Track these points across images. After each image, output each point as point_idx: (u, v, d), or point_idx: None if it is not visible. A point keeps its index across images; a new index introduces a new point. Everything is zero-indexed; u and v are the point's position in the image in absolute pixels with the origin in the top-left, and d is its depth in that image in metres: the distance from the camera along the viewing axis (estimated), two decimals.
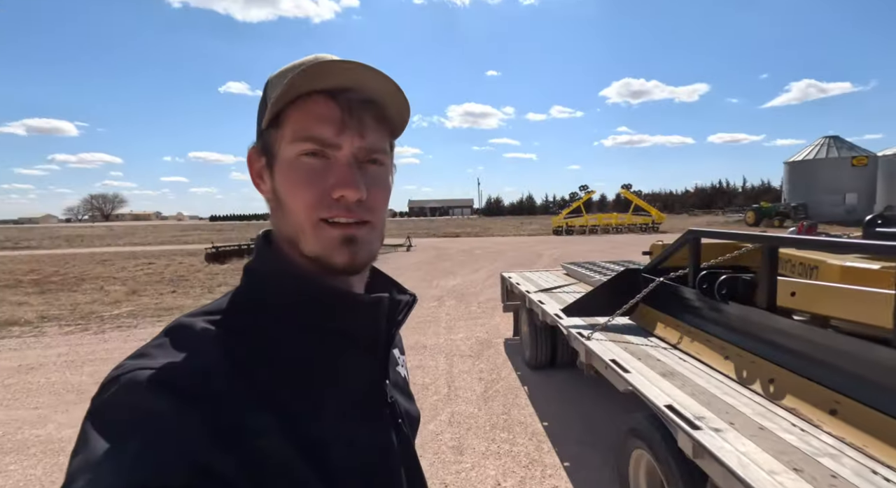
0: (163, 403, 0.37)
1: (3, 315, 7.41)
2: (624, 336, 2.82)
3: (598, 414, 3.58)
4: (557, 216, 28.69)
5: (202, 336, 0.44)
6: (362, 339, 0.51)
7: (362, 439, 0.48)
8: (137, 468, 0.33)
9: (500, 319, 6.60)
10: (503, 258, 14.75)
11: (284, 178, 0.48)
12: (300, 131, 0.47)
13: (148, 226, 68.30)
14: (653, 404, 1.85)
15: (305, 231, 0.48)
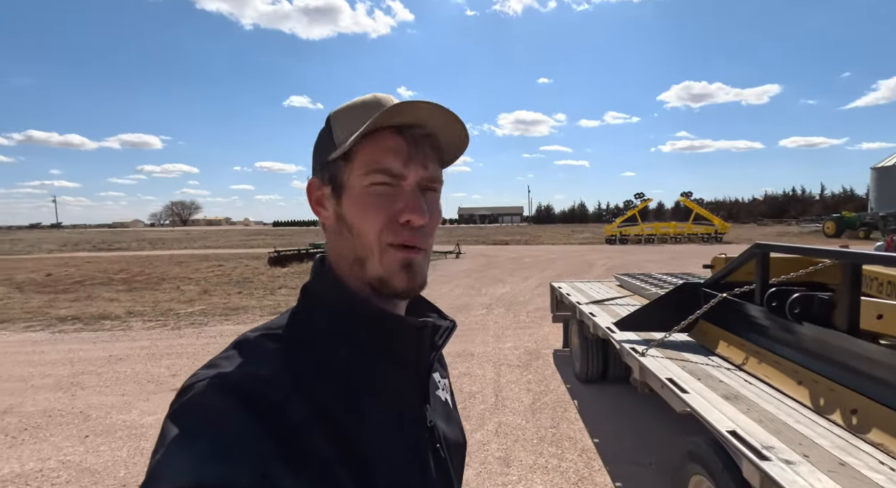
0: (231, 409, 0.41)
1: (98, 310, 8.27)
2: (682, 353, 2.68)
3: (653, 433, 3.41)
4: (611, 224, 27.66)
5: (265, 350, 0.48)
6: (405, 362, 0.54)
7: (401, 459, 0.50)
8: (208, 465, 0.37)
9: (549, 329, 6.47)
10: (553, 267, 14.44)
11: (355, 205, 0.53)
12: (371, 163, 0.52)
13: (219, 230, 73.59)
14: (714, 429, 1.74)
15: (374, 253, 0.52)
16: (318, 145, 0.58)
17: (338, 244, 0.55)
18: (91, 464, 3.07)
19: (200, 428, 0.40)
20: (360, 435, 0.47)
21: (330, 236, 0.57)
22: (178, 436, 0.39)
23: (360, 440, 0.47)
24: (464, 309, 8.05)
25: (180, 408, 0.42)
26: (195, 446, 0.38)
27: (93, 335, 6.56)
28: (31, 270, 14.84)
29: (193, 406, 0.42)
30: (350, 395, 0.48)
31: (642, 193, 28.07)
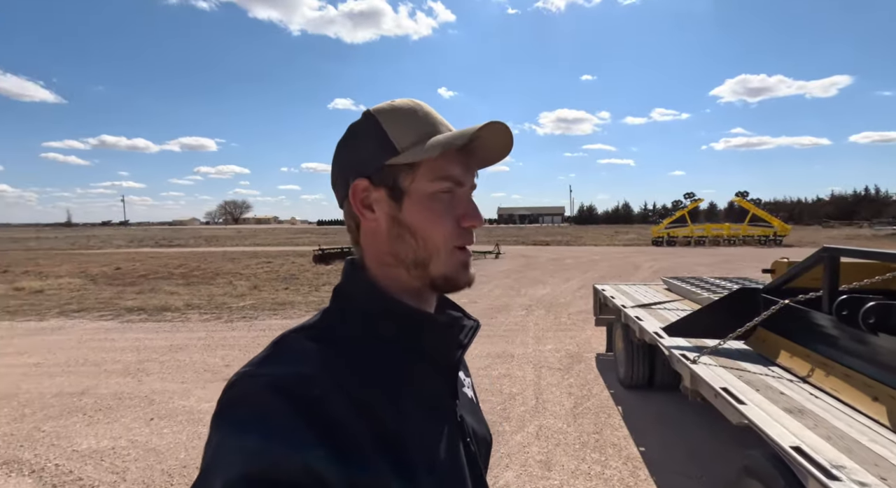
0: (277, 404, 0.42)
1: (160, 302, 8.88)
2: (738, 362, 2.54)
3: (705, 444, 3.25)
4: (658, 225, 26.55)
5: (305, 349, 0.50)
6: (435, 358, 0.57)
7: (437, 452, 0.52)
8: (257, 458, 0.39)
9: (591, 333, 6.30)
10: (596, 268, 14.05)
11: (422, 211, 0.54)
12: (439, 171, 0.54)
13: (267, 229, 77.13)
14: (775, 444, 1.64)
15: (441, 255, 0.55)
16: (361, 144, 0.57)
17: (391, 247, 0.55)
18: (155, 445, 3.31)
19: (249, 423, 0.42)
20: (397, 429, 0.48)
21: (375, 240, 0.56)
22: (228, 431, 0.42)
23: (397, 434, 0.48)
24: (503, 309, 7.99)
25: (229, 404, 0.44)
26: (245, 440, 0.40)
27: (156, 325, 7.06)
28: (103, 264, 16.15)
29: (241, 402, 0.44)
30: (386, 391, 0.50)
31: (692, 193, 27.01)
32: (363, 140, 0.57)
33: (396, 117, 0.56)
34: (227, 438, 0.41)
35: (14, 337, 6.39)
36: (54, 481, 2.86)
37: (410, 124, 0.55)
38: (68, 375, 4.79)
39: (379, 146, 0.55)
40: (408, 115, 0.56)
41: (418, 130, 0.55)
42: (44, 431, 3.53)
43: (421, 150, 0.53)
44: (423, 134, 0.55)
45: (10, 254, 21.71)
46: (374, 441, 0.46)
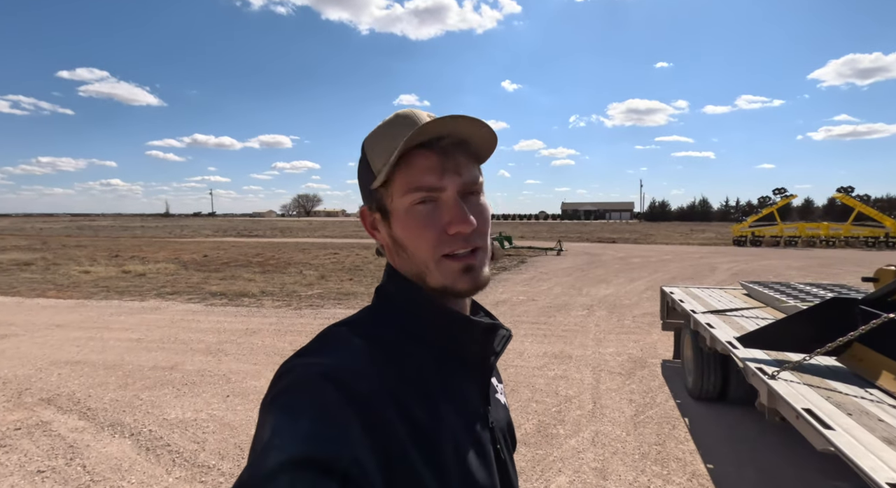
0: (327, 392, 0.44)
1: (239, 288, 9.69)
2: (827, 381, 2.27)
3: (782, 468, 2.95)
4: (740, 223, 24.28)
5: (352, 345, 0.52)
6: (470, 361, 0.57)
7: (470, 456, 0.52)
8: (305, 442, 0.40)
9: (657, 337, 5.94)
10: (666, 269, 13.19)
11: (403, 227, 0.56)
12: (408, 184, 0.54)
13: (336, 221, 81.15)
14: (869, 478, 1.45)
15: (430, 268, 0.55)
16: (360, 174, 0.61)
17: (398, 263, 0.59)
18: (230, 420, 3.63)
19: (303, 409, 0.43)
20: (432, 430, 0.49)
21: (389, 256, 0.61)
22: (283, 415, 0.43)
23: (432, 435, 0.48)
24: (563, 308, 7.77)
25: (279, 392, 0.46)
26: (299, 424, 0.42)
27: (234, 309, 7.70)
28: (193, 252, 17.91)
29: (296, 388, 0.45)
30: (423, 392, 0.51)
31: (783, 188, 24.03)
32: (361, 171, 0.61)
33: (374, 140, 0.59)
34: (282, 422, 0.42)
35: (122, 314, 7.29)
36: (148, 445, 3.23)
37: (383, 144, 0.57)
38: (162, 351, 5.39)
39: (367, 174, 0.59)
40: (382, 135, 0.58)
41: (388, 149, 0.55)
42: (141, 399, 4.00)
43: (382, 172, 0.55)
44: (392, 150, 0.54)
45: (121, 241, 24.75)
46: (411, 439, 0.47)
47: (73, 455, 3.09)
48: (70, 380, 4.43)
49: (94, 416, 3.66)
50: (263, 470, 0.39)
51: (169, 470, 2.93)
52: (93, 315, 7.22)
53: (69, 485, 2.75)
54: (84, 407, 3.83)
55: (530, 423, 3.57)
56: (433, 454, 0.48)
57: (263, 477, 0.39)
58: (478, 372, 0.58)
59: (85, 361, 4.99)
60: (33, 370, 4.70)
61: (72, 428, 3.47)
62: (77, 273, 11.74)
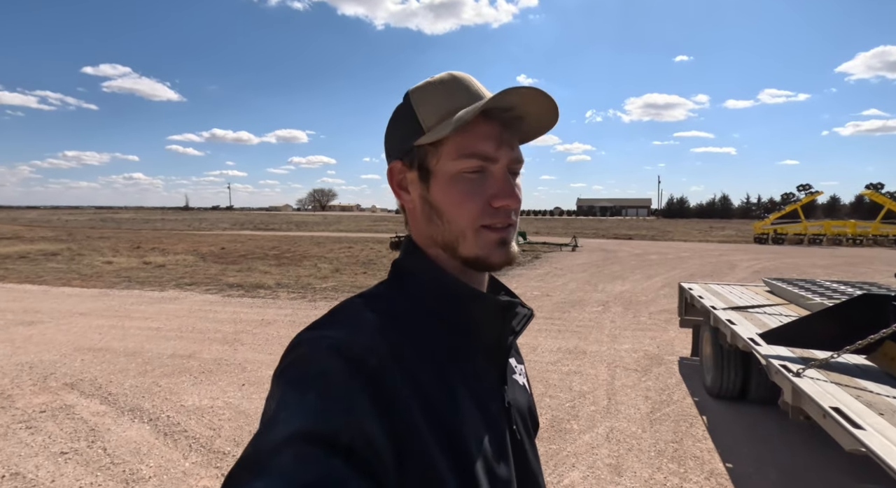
0: (337, 368, 0.43)
1: (255, 280, 9.83)
2: (856, 380, 2.18)
3: (809, 471, 2.86)
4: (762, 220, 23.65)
5: (364, 318, 0.50)
6: (488, 339, 0.55)
7: (483, 434, 0.50)
8: (310, 416, 0.40)
9: (675, 334, 5.83)
10: (684, 266, 12.94)
11: (446, 191, 0.53)
12: (464, 148, 0.52)
13: (350, 216, 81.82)
14: None
15: (466, 236, 0.53)
16: (398, 125, 0.57)
17: (424, 229, 0.56)
18: (245, 408, 3.68)
19: (310, 383, 0.42)
20: (444, 407, 0.47)
21: (415, 221, 0.57)
22: (291, 388, 0.43)
23: (444, 412, 0.47)
24: (577, 304, 7.68)
25: (289, 365, 0.45)
26: (306, 398, 0.41)
27: (251, 301, 7.82)
28: (211, 244, 18.23)
29: (304, 362, 0.45)
30: (436, 368, 0.49)
31: (808, 185, 23.28)
32: (400, 121, 0.57)
33: (426, 95, 0.55)
34: (290, 395, 0.42)
35: (142, 304, 7.46)
36: (165, 430, 3.30)
37: (438, 101, 0.54)
38: (180, 340, 5.49)
39: (410, 127, 0.55)
40: (437, 91, 0.54)
41: (445, 106, 0.53)
42: (160, 386, 4.09)
43: (438, 129, 0.52)
44: (450, 110, 0.53)
45: (142, 233, 25.35)
46: (423, 415, 0.45)
47: (94, 438, 3.16)
48: (92, 366, 4.54)
49: (115, 401, 3.75)
50: (267, 443, 0.39)
51: (186, 455, 2.98)
52: (115, 304, 7.41)
53: (90, 467, 2.82)
54: (105, 393, 3.92)
55: (544, 418, 3.53)
56: (444, 430, 0.46)
57: (267, 451, 0.38)
58: (495, 350, 0.56)
59: (107, 348, 5.12)
60: (58, 355, 4.84)
61: (93, 412, 3.56)
62: (100, 263, 12.06)
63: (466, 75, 0.56)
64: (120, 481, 2.69)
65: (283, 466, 0.37)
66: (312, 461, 0.37)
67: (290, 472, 0.36)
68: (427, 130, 0.53)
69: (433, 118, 0.53)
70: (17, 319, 6.32)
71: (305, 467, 0.37)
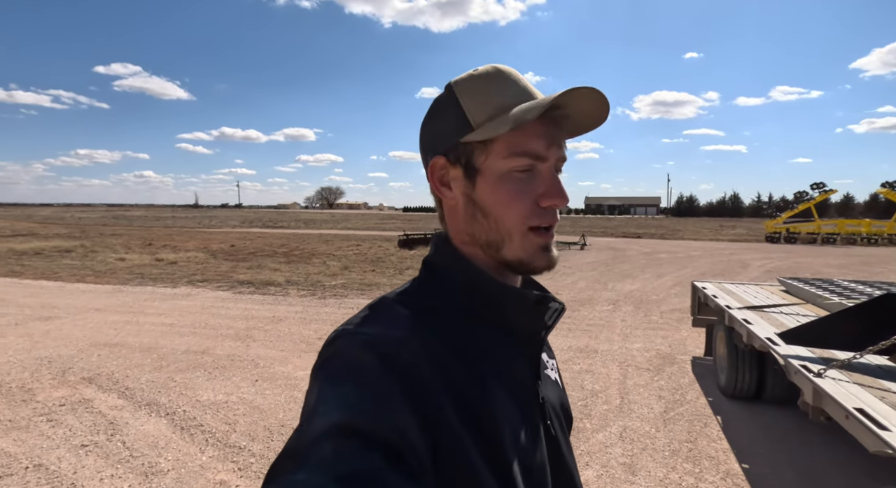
0: (372, 363, 0.44)
1: (265, 277, 9.91)
2: (880, 381, 2.15)
3: (825, 471, 2.83)
4: (774, 219, 23.36)
5: (398, 315, 0.51)
6: (521, 334, 0.55)
7: (518, 429, 0.50)
8: (347, 410, 0.41)
9: (687, 334, 5.78)
10: (694, 264, 12.82)
11: (494, 190, 0.52)
12: (516, 147, 0.51)
13: (358, 214, 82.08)
14: None
15: (513, 238, 0.52)
16: (440, 118, 0.55)
17: (467, 227, 0.55)
18: (259, 404, 3.71)
19: (345, 378, 0.43)
20: (478, 402, 0.48)
21: (454, 218, 0.56)
22: (327, 382, 0.44)
23: (478, 406, 0.47)
24: (587, 303, 7.64)
25: (327, 359, 0.47)
26: (342, 392, 0.42)
27: (261, 298, 7.88)
28: (221, 242, 18.39)
29: (339, 357, 0.46)
30: (470, 364, 0.49)
31: (822, 183, 22.92)
32: (442, 115, 0.55)
33: (472, 89, 0.53)
34: (327, 389, 0.43)
35: (155, 300, 7.55)
36: (182, 424, 3.34)
37: (486, 96, 0.52)
38: (194, 336, 5.56)
39: (455, 122, 0.53)
40: (485, 86, 0.53)
41: (494, 103, 0.52)
42: (175, 381, 4.14)
43: (491, 127, 0.51)
44: (500, 106, 0.52)
45: (154, 231, 25.64)
46: (457, 410, 0.46)
47: (113, 431, 3.21)
48: (109, 361, 4.61)
49: (132, 396, 3.81)
50: (308, 436, 0.40)
51: (202, 449, 3.01)
52: (128, 300, 7.51)
53: (111, 460, 2.87)
54: (122, 387, 3.98)
55: None
56: (478, 424, 0.46)
57: (308, 442, 0.39)
58: (528, 345, 0.56)
59: (122, 343, 5.19)
60: (75, 350, 4.92)
61: (112, 406, 3.62)
62: (113, 260, 12.22)
63: (511, 69, 0.55)
64: (139, 474, 2.73)
65: (322, 458, 0.38)
66: (350, 453, 0.38)
67: (330, 464, 0.37)
68: (476, 127, 0.52)
69: (482, 114, 0.52)
70: (35, 315, 6.43)
71: (344, 459, 0.38)
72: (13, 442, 3.05)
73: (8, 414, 3.44)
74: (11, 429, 3.22)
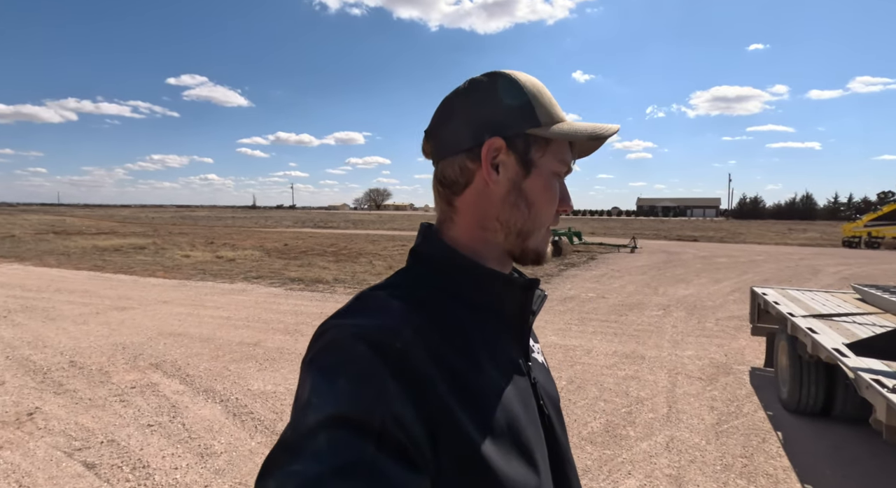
0: (363, 351, 0.44)
1: (315, 275, 10.33)
2: None
3: None
4: (853, 222, 21.28)
5: (387, 304, 0.51)
6: (510, 319, 0.57)
7: (512, 409, 0.50)
8: (340, 401, 0.41)
9: (745, 342, 5.41)
10: (757, 270, 11.95)
11: (544, 187, 0.57)
12: (562, 154, 0.58)
13: (404, 214, 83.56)
14: None
15: (541, 231, 0.59)
16: (497, 102, 0.55)
17: (502, 212, 0.56)
18: None
19: (338, 369, 0.44)
20: (475, 384, 0.48)
21: (485, 202, 0.55)
22: (319, 375, 0.44)
23: (475, 389, 0.48)
24: (636, 307, 7.34)
25: (320, 351, 0.47)
26: (335, 384, 0.42)
27: (310, 294, 8.22)
28: (275, 241, 19.37)
29: (331, 349, 0.46)
30: (463, 348, 0.50)
31: None
32: (501, 100, 0.55)
33: (536, 90, 0.58)
34: (319, 381, 0.43)
35: (214, 294, 8.09)
36: (234, 411, 3.56)
37: (546, 101, 0.58)
38: (247, 328, 5.90)
39: (521, 112, 0.55)
40: (542, 91, 0.58)
41: (553, 110, 0.58)
42: (230, 370, 4.41)
43: (566, 131, 0.56)
44: (556, 115, 0.58)
45: (215, 230, 27.44)
46: (454, 394, 0.46)
47: (174, 413, 3.48)
48: (173, 349, 5.00)
49: (192, 382, 4.10)
50: (303, 427, 0.40)
51: (252, 435, 3.20)
52: (191, 294, 8.09)
53: (172, 440, 3.11)
54: (184, 374, 4.30)
55: (597, 422, 3.42)
56: (478, 408, 0.47)
57: (304, 434, 0.40)
58: (518, 329, 0.58)
59: (185, 333, 5.60)
60: (145, 339, 5.37)
61: (174, 390, 3.92)
62: (179, 257, 13.22)
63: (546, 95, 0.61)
64: (196, 454, 2.94)
65: (318, 449, 0.38)
66: (346, 444, 0.39)
67: (325, 455, 0.38)
68: (543, 124, 0.56)
69: (547, 116, 0.57)
70: (113, 305, 7.08)
71: (339, 450, 0.38)
72: (92, 419, 3.38)
73: (88, 394, 3.82)
74: (91, 407, 3.58)
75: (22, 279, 9.36)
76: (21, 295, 7.71)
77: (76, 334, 5.50)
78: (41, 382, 4.06)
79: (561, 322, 6.40)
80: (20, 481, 2.64)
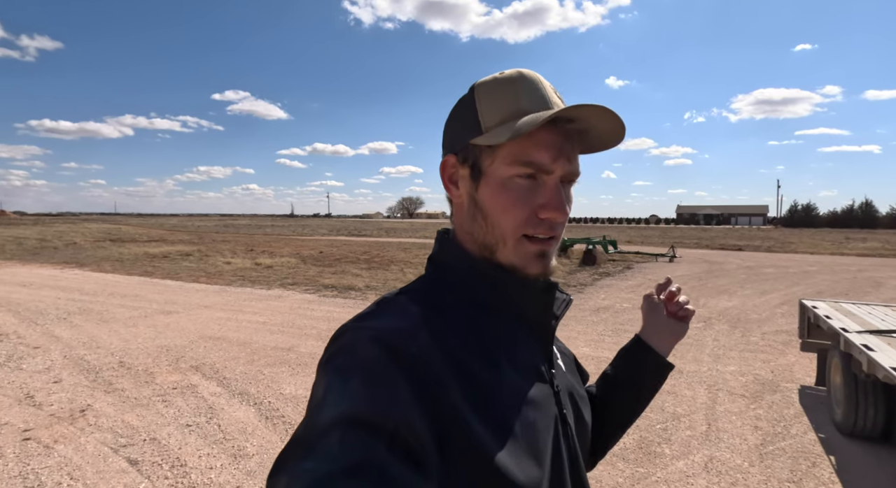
0: (378, 353, 0.45)
1: (347, 282, 10.54)
2: None
3: None
4: None
5: (405, 309, 0.51)
6: (531, 323, 0.56)
7: (529, 416, 0.49)
8: (354, 401, 0.42)
9: (794, 359, 5.08)
10: (810, 281, 11.22)
11: (494, 194, 0.53)
12: (520, 155, 0.51)
13: (436, 223, 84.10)
14: None
15: (507, 243, 0.53)
16: (457, 118, 0.57)
17: (467, 225, 0.56)
18: None
19: (353, 371, 0.44)
20: (491, 389, 0.48)
21: (459, 216, 0.58)
22: (335, 375, 0.45)
23: (491, 394, 0.48)
24: None
25: (334, 353, 0.48)
26: (349, 384, 0.43)
27: (343, 301, 8.38)
28: (311, 248, 19.92)
29: (347, 351, 0.47)
30: (482, 353, 0.50)
31: None
32: (460, 115, 0.57)
33: (490, 92, 0.54)
34: (334, 382, 0.44)
35: (252, 300, 8.39)
36: (267, 414, 3.66)
37: (501, 101, 0.53)
38: (282, 334, 6.07)
39: (469, 123, 0.55)
40: (502, 90, 0.54)
41: (508, 108, 0.52)
42: (264, 374, 4.55)
43: (496, 133, 0.52)
44: (513, 112, 0.52)
45: (255, 237, 28.54)
46: (467, 399, 0.46)
47: (211, 415, 3.62)
48: (212, 353, 5.21)
49: (228, 385, 4.26)
50: (316, 426, 0.41)
51: (283, 438, 3.28)
52: (231, 299, 8.43)
53: (208, 440, 3.23)
54: (221, 376, 4.47)
55: (630, 438, 3.29)
56: (492, 413, 0.47)
57: (318, 432, 0.41)
58: (540, 335, 0.57)
59: (223, 337, 5.84)
60: (187, 341, 5.64)
61: (212, 392, 4.08)
62: (221, 263, 13.82)
63: (535, 75, 0.55)
64: (230, 455, 3.04)
65: (329, 448, 0.39)
66: (357, 443, 0.39)
67: (336, 454, 0.38)
68: (485, 130, 0.53)
69: (494, 118, 0.52)
70: (160, 309, 7.48)
71: (350, 449, 0.39)
72: (136, 417, 3.57)
73: (134, 393, 4.04)
74: (136, 406, 3.78)
75: (81, 283, 10.05)
76: (79, 298, 8.27)
77: (126, 336, 5.84)
78: (93, 381, 4.32)
79: (594, 333, 6.23)
80: (72, 474, 2.81)
